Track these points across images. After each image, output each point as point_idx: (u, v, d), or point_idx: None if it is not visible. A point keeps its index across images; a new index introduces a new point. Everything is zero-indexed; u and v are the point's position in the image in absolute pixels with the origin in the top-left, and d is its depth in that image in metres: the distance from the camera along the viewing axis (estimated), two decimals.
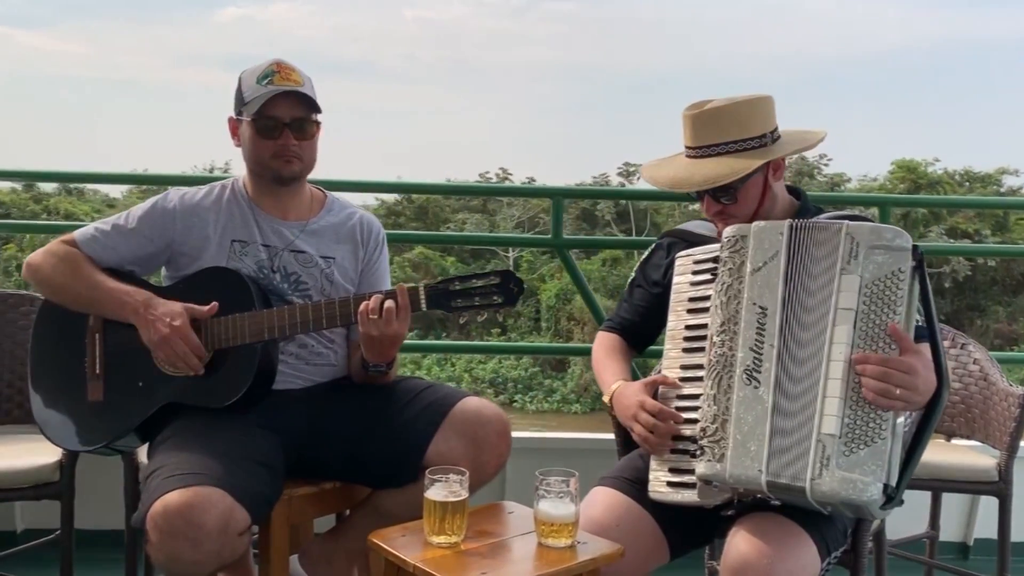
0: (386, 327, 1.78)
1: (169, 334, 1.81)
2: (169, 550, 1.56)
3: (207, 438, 1.75)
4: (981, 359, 2.61)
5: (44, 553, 2.36)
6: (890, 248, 1.52)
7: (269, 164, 1.94)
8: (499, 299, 1.80)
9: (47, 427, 1.97)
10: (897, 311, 1.51)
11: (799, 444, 1.51)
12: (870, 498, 1.46)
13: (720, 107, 1.79)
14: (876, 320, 1.51)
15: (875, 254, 1.53)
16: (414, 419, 1.89)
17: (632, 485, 1.77)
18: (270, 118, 1.91)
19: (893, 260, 1.52)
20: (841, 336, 1.52)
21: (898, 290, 1.51)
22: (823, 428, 1.50)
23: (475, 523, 1.65)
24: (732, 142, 1.78)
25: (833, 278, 1.55)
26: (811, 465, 1.49)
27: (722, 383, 1.60)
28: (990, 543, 2.58)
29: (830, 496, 1.48)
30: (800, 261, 1.59)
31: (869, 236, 1.54)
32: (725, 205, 1.81)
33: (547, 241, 3.10)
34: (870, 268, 1.53)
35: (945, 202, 21.61)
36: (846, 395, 1.50)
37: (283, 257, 1.98)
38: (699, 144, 1.81)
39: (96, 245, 1.94)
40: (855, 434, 1.48)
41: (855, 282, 1.53)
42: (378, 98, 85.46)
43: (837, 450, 1.48)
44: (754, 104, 1.80)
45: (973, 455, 2.57)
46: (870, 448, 1.47)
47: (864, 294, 1.52)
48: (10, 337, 2.46)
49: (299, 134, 1.93)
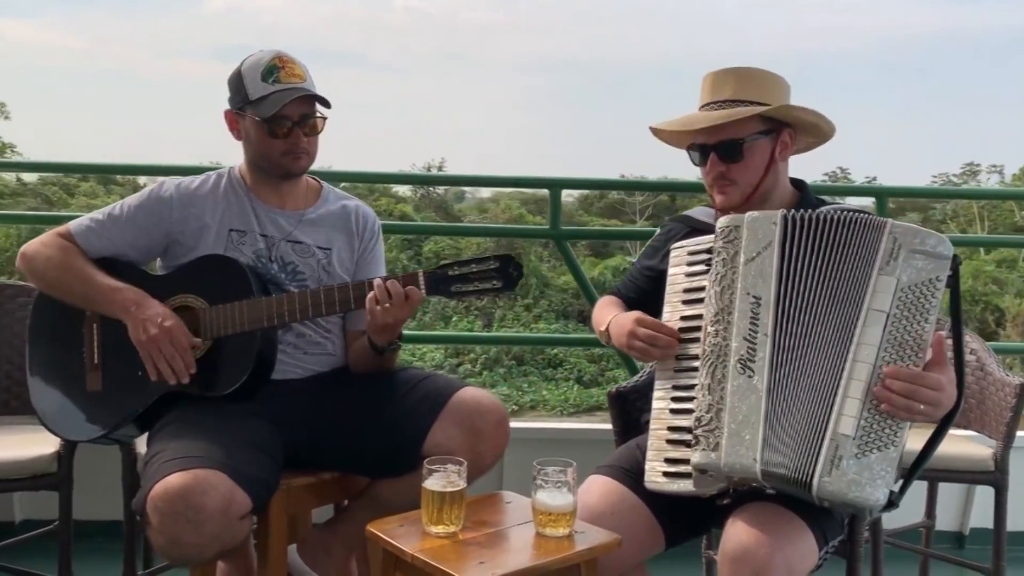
0: (399, 311, 1.79)
1: (158, 335, 1.80)
2: (170, 532, 1.56)
3: (207, 424, 1.76)
4: (978, 349, 2.61)
5: (42, 544, 2.36)
6: (931, 255, 1.49)
7: (279, 162, 1.94)
8: (498, 283, 1.81)
9: (46, 417, 1.97)
10: (929, 319, 1.48)
11: (809, 438, 1.50)
12: (875, 503, 1.46)
13: (743, 68, 1.82)
14: (907, 326, 1.49)
15: (915, 258, 1.50)
16: (412, 409, 1.89)
17: (628, 475, 1.77)
18: (282, 117, 1.90)
19: (933, 267, 1.49)
20: (870, 337, 1.50)
21: (932, 298, 1.48)
22: (839, 427, 1.48)
23: (473, 513, 1.65)
24: (750, 101, 1.79)
25: (869, 276, 1.52)
26: (822, 462, 1.47)
27: (716, 373, 1.60)
28: (986, 532, 2.59)
29: (836, 495, 1.47)
30: (804, 251, 1.58)
31: (912, 239, 1.51)
32: (729, 165, 1.81)
33: (545, 232, 3.10)
34: (908, 272, 1.50)
35: (944, 192, 21.61)
36: (866, 398, 1.48)
37: (281, 247, 1.97)
38: (716, 99, 1.82)
39: (91, 236, 1.93)
40: (870, 438, 1.47)
41: (891, 284, 1.50)
42: (368, 88, 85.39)
43: (849, 451, 1.46)
44: (774, 77, 1.83)
45: (969, 445, 2.58)
46: (882, 453, 1.46)
47: (899, 298, 1.50)
48: (7, 328, 2.45)
49: (308, 131, 1.94)
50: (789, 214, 1.61)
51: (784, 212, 1.61)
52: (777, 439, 1.52)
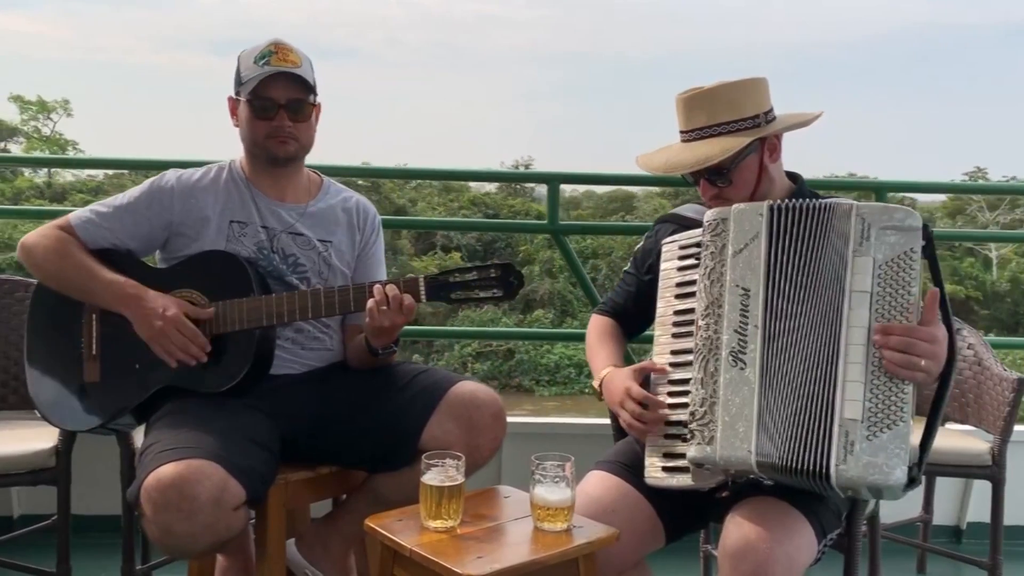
0: (396, 316, 1.80)
1: (163, 326, 1.80)
2: (163, 523, 1.55)
3: (202, 416, 1.76)
4: (975, 343, 2.62)
5: (41, 538, 2.37)
6: (901, 228, 1.50)
7: (264, 144, 1.93)
8: (498, 291, 1.81)
9: (43, 407, 1.97)
10: (912, 291, 1.49)
11: (812, 429, 1.50)
12: (896, 482, 1.44)
13: (711, 89, 1.79)
14: (892, 302, 1.50)
15: (887, 235, 1.51)
16: (409, 403, 1.89)
17: (628, 470, 1.78)
18: (265, 99, 1.90)
19: (905, 240, 1.50)
20: (858, 320, 1.50)
21: (911, 270, 1.49)
22: (845, 413, 1.48)
23: (471, 507, 1.65)
24: (724, 123, 1.77)
25: (845, 260, 1.53)
26: (835, 451, 1.47)
27: (709, 366, 1.60)
28: (983, 527, 2.60)
29: (857, 482, 1.46)
30: (790, 241, 1.58)
31: (880, 216, 1.52)
32: (721, 188, 1.80)
33: (543, 227, 3.10)
34: (883, 249, 1.51)
35: (943, 187, 21.58)
36: (867, 379, 1.49)
37: (282, 239, 1.97)
38: (692, 127, 1.81)
39: (92, 227, 1.93)
40: (877, 418, 1.47)
41: (868, 264, 1.51)
42: (362, 82, 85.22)
43: (860, 435, 1.46)
44: (746, 86, 1.80)
45: (967, 439, 2.58)
46: (892, 431, 1.45)
47: (878, 276, 1.50)
48: (4, 323, 2.45)
49: (294, 115, 1.93)
50: (775, 204, 1.60)
51: (770, 203, 1.61)
52: (773, 430, 1.52)
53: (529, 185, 29.54)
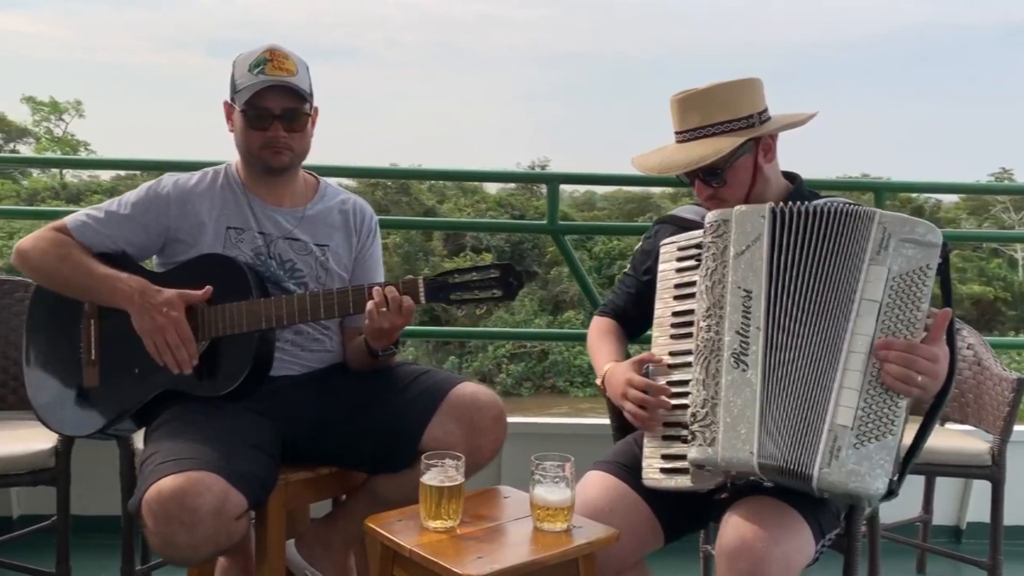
0: (395, 318, 1.80)
1: (164, 323, 1.80)
2: (164, 535, 1.55)
3: (202, 424, 1.75)
4: (975, 343, 2.62)
5: (40, 539, 2.37)
6: (921, 243, 1.50)
7: (259, 155, 1.93)
8: (498, 292, 1.81)
9: (43, 412, 1.96)
10: (921, 307, 1.49)
11: (807, 431, 1.51)
12: (876, 492, 1.46)
13: (705, 90, 1.80)
14: (900, 315, 1.50)
15: (906, 247, 1.50)
16: (410, 404, 1.89)
17: (626, 470, 1.78)
18: (260, 109, 1.89)
19: (923, 255, 1.50)
20: (863, 328, 1.50)
21: (924, 286, 1.49)
22: (837, 418, 1.49)
23: (471, 508, 1.65)
24: (718, 124, 1.78)
25: (860, 266, 1.52)
26: (821, 454, 1.48)
27: (710, 368, 1.60)
28: (982, 527, 2.60)
29: (836, 486, 1.48)
30: (794, 243, 1.58)
31: (902, 228, 1.51)
32: (716, 188, 1.81)
33: (542, 227, 3.10)
34: (899, 261, 1.50)
35: (942, 187, 21.59)
36: (863, 388, 1.49)
37: (279, 244, 1.97)
38: (686, 128, 1.81)
39: (88, 231, 1.92)
40: (867, 427, 1.48)
41: (882, 273, 1.50)
42: (362, 82, 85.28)
43: (848, 442, 1.47)
44: (740, 86, 1.80)
45: (966, 439, 2.58)
46: (880, 443, 1.47)
47: (890, 287, 1.50)
48: (4, 324, 2.45)
49: (289, 125, 1.92)
50: (778, 207, 1.60)
51: (772, 205, 1.61)
52: (774, 431, 1.53)
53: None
